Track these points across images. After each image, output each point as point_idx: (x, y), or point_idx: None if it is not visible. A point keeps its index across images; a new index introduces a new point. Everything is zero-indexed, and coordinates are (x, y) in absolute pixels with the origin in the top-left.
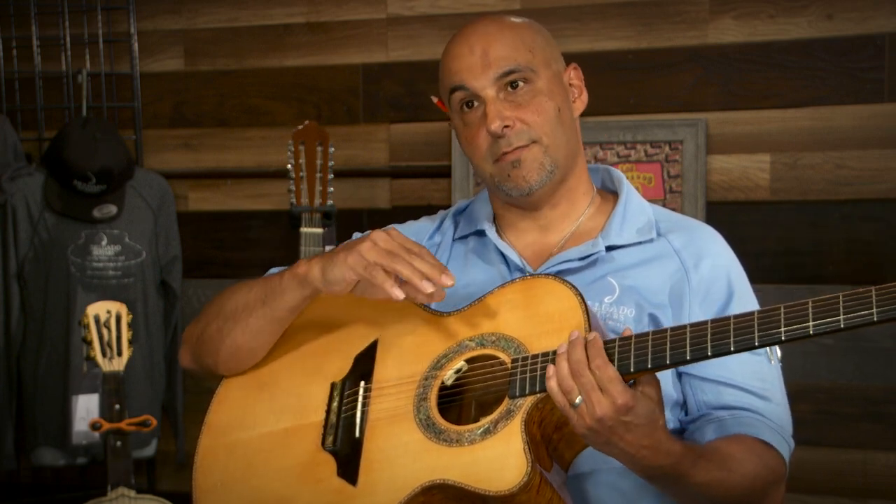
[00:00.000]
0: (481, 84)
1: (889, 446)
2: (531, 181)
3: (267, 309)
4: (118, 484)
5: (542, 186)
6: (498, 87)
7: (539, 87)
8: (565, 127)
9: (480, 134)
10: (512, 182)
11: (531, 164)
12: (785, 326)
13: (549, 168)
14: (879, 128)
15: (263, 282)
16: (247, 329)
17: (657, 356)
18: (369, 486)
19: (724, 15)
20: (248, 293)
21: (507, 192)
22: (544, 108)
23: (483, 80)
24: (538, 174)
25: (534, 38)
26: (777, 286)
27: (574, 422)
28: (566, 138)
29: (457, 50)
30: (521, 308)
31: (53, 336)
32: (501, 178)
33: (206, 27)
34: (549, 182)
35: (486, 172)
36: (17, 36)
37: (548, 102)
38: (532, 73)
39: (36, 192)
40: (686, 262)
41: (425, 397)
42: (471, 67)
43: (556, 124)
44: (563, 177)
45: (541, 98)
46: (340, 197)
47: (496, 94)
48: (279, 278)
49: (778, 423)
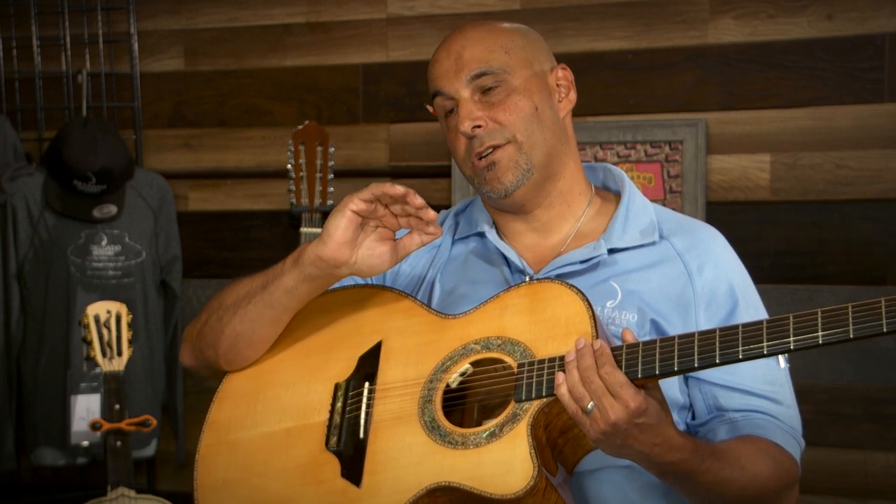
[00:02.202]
0: (455, 87)
1: (890, 447)
2: (506, 182)
3: (265, 294)
4: (118, 484)
5: (519, 187)
6: (471, 88)
7: (514, 86)
8: (544, 126)
9: (459, 137)
10: (489, 185)
11: (506, 164)
12: (794, 336)
13: (524, 167)
14: (879, 128)
15: (263, 273)
16: (245, 316)
17: (665, 363)
18: (373, 488)
19: (724, 15)
20: (251, 282)
21: (487, 194)
22: (518, 107)
23: (456, 82)
24: (513, 174)
25: (512, 39)
26: (777, 286)
27: (587, 428)
28: (544, 137)
29: (437, 55)
30: (527, 312)
31: (53, 336)
32: (480, 180)
33: (206, 27)
34: (527, 182)
35: (467, 175)
36: (17, 36)
37: (523, 101)
38: (506, 74)
39: (36, 192)
40: (689, 266)
41: (430, 399)
42: (446, 72)
43: (533, 123)
44: (545, 177)
45: (515, 97)
46: (340, 197)
47: (470, 96)
48: (281, 263)
49: (789, 426)
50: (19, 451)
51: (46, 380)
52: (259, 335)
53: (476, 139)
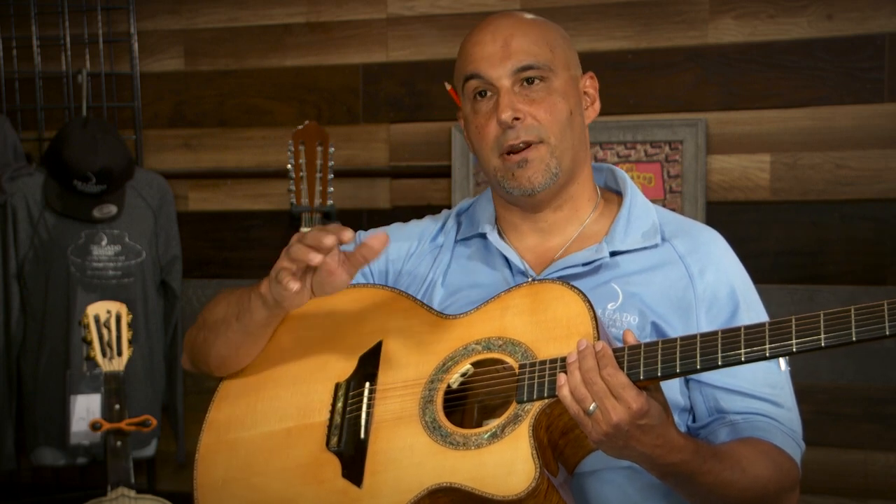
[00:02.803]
0: (498, 74)
1: (890, 447)
2: (535, 182)
3: (240, 325)
4: (118, 484)
5: (546, 189)
6: (514, 79)
7: (555, 86)
8: (575, 132)
9: (490, 124)
10: (515, 181)
11: (537, 165)
12: (796, 338)
13: (554, 171)
14: (879, 128)
15: (238, 296)
16: (228, 342)
17: (667, 365)
18: (374, 488)
19: (724, 15)
20: (227, 307)
21: (510, 190)
22: (557, 109)
23: (500, 70)
24: (543, 176)
25: (556, 38)
26: (777, 286)
27: (589, 429)
28: (573, 143)
29: (478, 37)
30: (529, 313)
31: (53, 336)
32: (506, 175)
33: (206, 27)
34: (553, 185)
35: (490, 165)
36: (17, 36)
37: (561, 103)
38: (550, 72)
39: (36, 192)
40: (691, 268)
41: (431, 400)
42: (490, 56)
43: (567, 127)
44: (567, 181)
45: (555, 97)
46: (340, 197)
47: (511, 87)
48: (248, 296)
49: (790, 428)
50: (19, 451)
51: (46, 380)
52: (243, 355)
53: (512, 131)
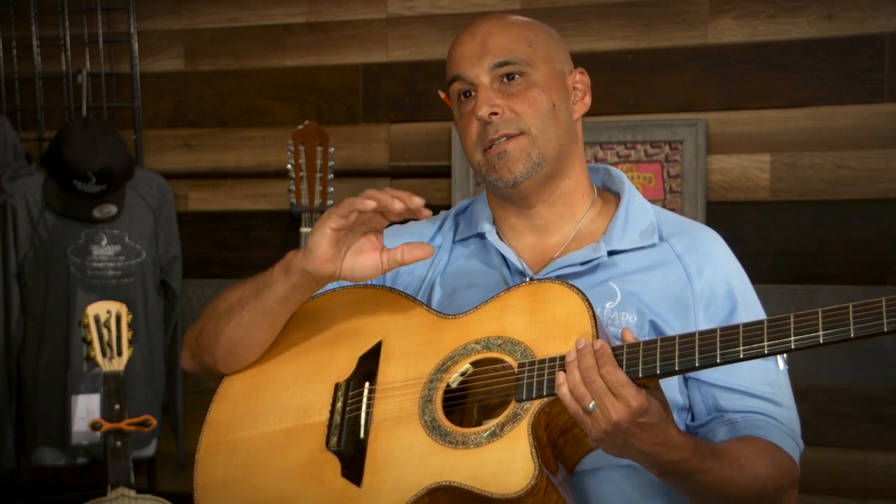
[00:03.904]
0: (476, 72)
1: (890, 446)
2: (516, 172)
3: (258, 302)
4: (118, 484)
5: (528, 178)
6: (492, 76)
7: (535, 80)
8: (559, 124)
9: (472, 122)
10: (497, 173)
11: (517, 155)
12: (795, 336)
13: (536, 160)
14: (879, 128)
15: (255, 278)
16: (240, 324)
17: (666, 363)
18: (374, 488)
19: (724, 15)
20: (243, 290)
21: (494, 182)
22: (537, 101)
23: (478, 68)
24: (524, 165)
25: (536, 34)
26: (777, 286)
27: (588, 427)
28: (558, 134)
29: (458, 40)
30: (528, 312)
31: (53, 336)
32: (488, 168)
33: (206, 27)
34: (536, 175)
35: (474, 161)
36: (17, 36)
37: (541, 96)
38: (528, 67)
39: (36, 192)
40: (689, 268)
41: (430, 399)
42: (469, 56)
43: (549, 119)
44: (553, 172)
45: (535, 91)
46: (340, 197)
47: (490, 83)
48: (270, 270)
49: (788, 427)
50: (19, 451)
51: (46, 380)
52: (255, 340)
53: (490, 126)
